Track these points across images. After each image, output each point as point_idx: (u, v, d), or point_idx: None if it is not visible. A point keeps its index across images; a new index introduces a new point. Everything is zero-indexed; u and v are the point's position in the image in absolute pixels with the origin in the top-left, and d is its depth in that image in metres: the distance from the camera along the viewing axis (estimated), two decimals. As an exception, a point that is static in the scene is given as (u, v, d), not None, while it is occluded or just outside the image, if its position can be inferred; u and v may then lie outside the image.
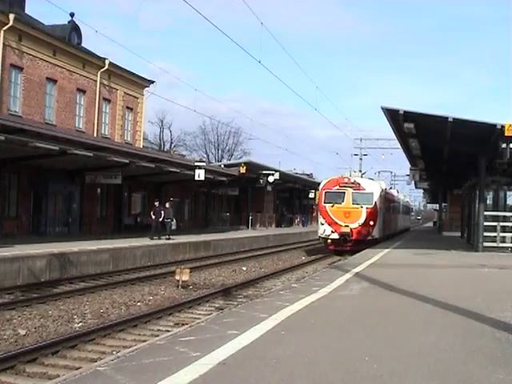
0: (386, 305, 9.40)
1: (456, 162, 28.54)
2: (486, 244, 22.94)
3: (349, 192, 28.83)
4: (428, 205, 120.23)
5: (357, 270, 14.69)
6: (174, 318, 12.49)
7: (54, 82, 30.97)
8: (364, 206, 28.56)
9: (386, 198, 34.22)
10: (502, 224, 23.89)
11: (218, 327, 7.31)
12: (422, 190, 79.99)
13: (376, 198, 29.25)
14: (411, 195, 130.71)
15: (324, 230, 28.85)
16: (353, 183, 29.14)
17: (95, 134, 33.69)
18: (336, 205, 28.67)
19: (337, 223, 28.47)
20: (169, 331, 9.33)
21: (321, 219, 29.46)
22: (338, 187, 29.13)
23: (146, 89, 39.96)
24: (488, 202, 26.13)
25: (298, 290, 10.77)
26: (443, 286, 11.93)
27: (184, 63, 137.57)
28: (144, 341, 8.79)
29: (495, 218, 24.00)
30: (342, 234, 28.21)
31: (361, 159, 56.48)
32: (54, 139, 21.84)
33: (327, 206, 28.94)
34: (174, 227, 29.54)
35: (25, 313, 12.47)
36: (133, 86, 38.42)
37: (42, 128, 23.38)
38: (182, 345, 6.32)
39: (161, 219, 27.52)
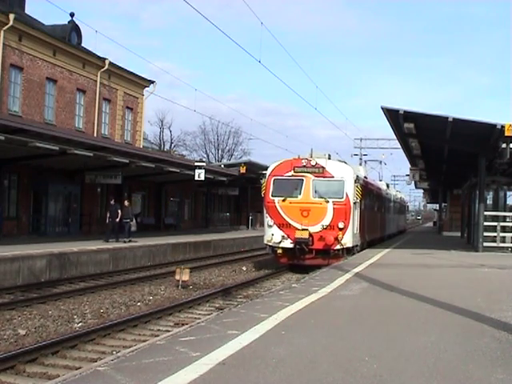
0: (386, 305, 9.40)
1: (456, 161, 28.54)
2: (486, 244, 22.93)
3: (308, 180, 20.05)
4: (428, 205, 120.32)
5: (357, 270, 14.69)
6: (173, 317, 12.50)
7: (54, 81, 30.96)
8: (331, 201, 19.79)
9: (368, 190, 25.03)
10: (501, 224, 23.91)
11: (218, 327, 7.31)
12: (421, 190, 79.98)
13: (349, 188, 20.13)
14: (411, 195, 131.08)
15: (272, 234, 19.99)
16: (314, 167, 20.16)
17: (95, 134, 33.69)
18: (289, 198, 20.08)
19: (290, 225, 19.82)
20: (169, 331, 9.33)
21: (268, 219, 20.38)
22: (292, 173, 20.32)
23: (146, 89, 39.97)
24: (488, 202, 26.16)
25: (297, 290, 10.77)
26: (443, 286, 11.93)
27: (184, 63, 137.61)
28: (144, 341, 8.79)
29: (495, 218, 24.01)
30: (297, 242, 19.41)
31: (361, 159, 56.43)
32: (54, 139, 21.84)
33: (276, 200, 20.15)
34: (133, 228, 25.76)
35: (25, 313, 12.47)
36: (133, 85, 38.41)
37: (41, 128, 23.37)
38: (182, 345, 6.32)
39: (118, 219, 24.62)
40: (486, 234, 23.10)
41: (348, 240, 20.03)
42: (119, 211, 24.85)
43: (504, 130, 18.80)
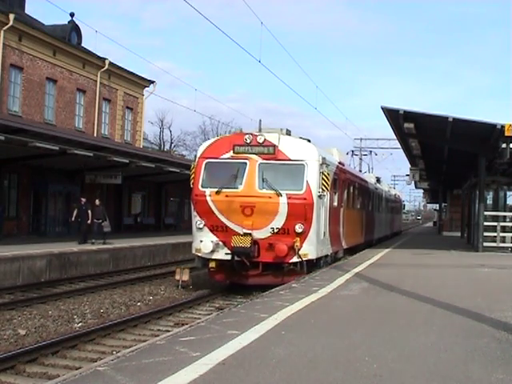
0: (386, 305, 9.40)
1: (456, 161, 28.54)
2: (486, 244, 22.93)
3: (253, 164, 14.58)
4: (428, 205, 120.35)
5: (357, 270, 14.68)
6: (174, 317, 12.50)
7: (54, 81, 30.97)
8: (285, 194, 14.32)
9: (346, 180, 19.38)
10: (502, 224, 23.91)
11: (218, 327, 7.30)
12: (421, 190, 79.98)
13: (312, 176, 14.64)
14: (411, 195, 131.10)
15: (202, 241, 14.57)
16: (262, 145, 14.66)
17: (95, 134, 33.69)
18: (226, 190, 14.56)
19: (227, 228, 14.51)
20: (169, 331, 9.32)
21: (196, 219, 14.90)
22: (231, 154, 14.82)
23: (146, 89, 39.98)
24: (488, 202, 26.15)
25: (298, 290, 10.77)
26: (443, 286, 11.92)
27: (185, 63, 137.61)
28: (144, 341, 8.78)
29: (495, 218, 24.01)
30: (237, 251, 14.21)
31: (361, 159, 56.42)
32: (54, 139, 21.84)
33: (208, 192, 14.66)
34: (107, 229, 23.67)
35: (25, 313, 12.47)
36: (133, 85, 38.42)
37: (41, 128, 23.38)
38: (182, 345, 6.31)
39: (89, 220, 23.12)
40: (486, 234, 23.09)
41: (310, 249, 14.45)
42: (89, 212, 23.25)
43: (504, 129, 18.81)
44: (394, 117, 20.90)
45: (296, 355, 5.95)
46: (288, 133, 15.50)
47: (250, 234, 14.24)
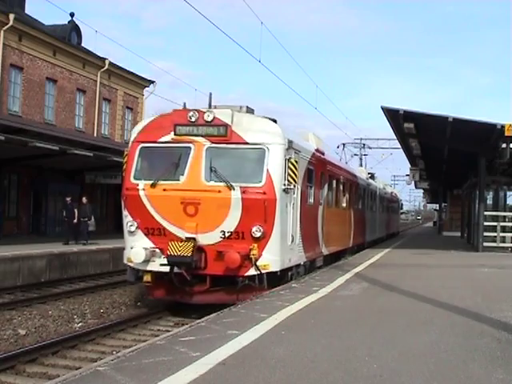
0: (386, 305, 9.40)
1: (456, 161, 28.55)
2: (486, 244, 22.95)
3: (199, 148, 11.79)
4: (428, 205, 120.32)
5: (357, 270, 14.69)
6: (173, 317, 12.49)
7: (54, 81, 30.96)
8: (238, 187, 11.48)
9: (325, 172, 16.10)
10: (501, 224, 23.92)
11: (218, 327, 7.31)
12: (421, 190, 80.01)
13: (274, 164, 11.71)
14: (411, 195, 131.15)
15: (133, 248, 11.74)
16: (211, 124, 11.83)
17: (95, 134, 33.69)
18: (164, 183, 11.81)
19: (166, 231, 11.71)
20: (169, 331, 9.31)
21: (127, 220, 12.09)
22: (172, 136, 11.99)
23: (146, 89, 39.99)
24: (488, 202, 26.16)
25: (298, 290, 10.77)
26: (443, 286, 11.92)
27: (185, 63, 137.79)
28: (144, 341, 8.79)
29: (495, 218, 24.02)
30: (173, 261, 11.37)
31: (361, 159, 56.41)
32: (54, 139, 21.84)
33: (142, 185, 11.93)
34: (92, 228, 23.02)
35: (25, 313, 12.47)
36: (133, 86, 38.42)
37: (42, 128, 23.38)
38: (182, 345, 6.32)
39: (75, 220, 22.55)
40: (486, 234, 23.11)
41: (271, 259, 11.39)
42: (75, 210, 22.65)
43: (504, 129, 18.81)
44: (394, 117, 20.91)
45: (296, 355, 5.95)
46: (248, 110, 12.42)
47: (194, 239, 11.21)
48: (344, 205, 19.75)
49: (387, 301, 9.83)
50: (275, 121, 12.30)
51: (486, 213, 23.35)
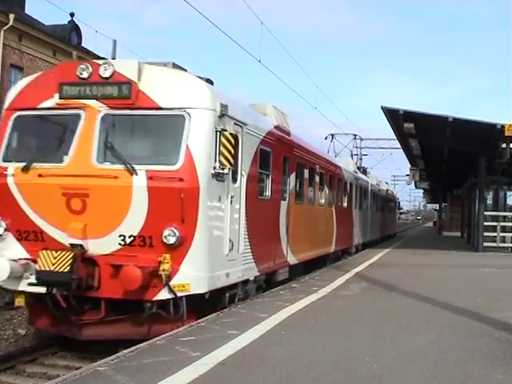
0: (386, 305, 9.40)
1: (456, 161, 28.55)
2: (486, 244, 22.97)
3: (91, 116, 8.39)
4: (428, 205, 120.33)
5: (357, 269, 14.69)
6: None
7: (54, 82, 30.94)
8: (143, 171, 7.99)
9: (290, 158, 12.77)
10: (502, 224, 23.94)
11: (218, 327, 7.30)
12: (421, 190, 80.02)
13: (199, 138, 8.21)
14: (411, 195, 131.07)
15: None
16: (109, 82, 8.39)
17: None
18: (40, 166, 8.38)
19: (44, 235, 8.30)
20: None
21: None
22: (56, 100, 8.55)
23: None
24: (488, 202, 26.18)
25: (298, 290, 10.77)
26: (443, 286, 11.92)
27: (185, 63, 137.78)
28: (144, 341, 8.77)
29: (495, 218, 24.04)
30: (49, 279, 7.93)
31: (361, 159, 56.38)
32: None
33: (11, 169, 8.48)
34: None
35: (25, 313, 12.44)
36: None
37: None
38: (182, 345, 6.31)
39: None
40: (486, 234, 23.12)
41: (195, 275, 8.08)
42: None
43: (504, 129, 18.83)
44: (394, 117, 20.92)
45: (296, 355, 5.95)
46: (175, 65, 9.06)
47: (81, 247, 8.02)
48: (322, 201, 16.36)
49: (387, 301, 9.82)
50: (211, 82, 9.32)
51: (486, 213, 23.37)
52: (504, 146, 20.22)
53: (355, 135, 41.01)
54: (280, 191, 11.96)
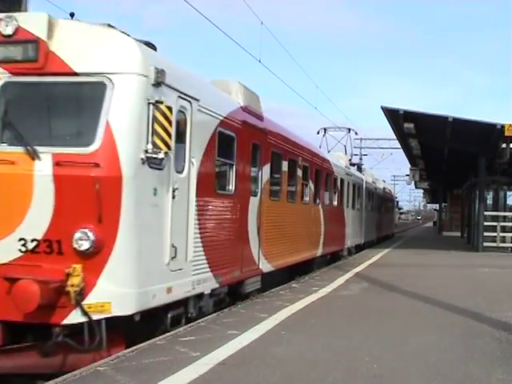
0: (386, 305, 9.40)
1: (456, 161, 28.56)
2: (486, 244, 22.97)
3: None
4: (428, 205, 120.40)
5: (357, 269, 14.69)
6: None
7: (54, 82, 30.96)
8: (49, 155, 6.20)
9: (262, 145, 10.68)
10: (502, 224, 23.95)
11: (218, 327, 7.30)
12: (422, 190, 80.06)
13: (123, 111, 6.33)
14: (411, 195, 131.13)
15: None
16: (11, 40, 6.64)
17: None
18: None
19: None
20: (169, 331, 9.27)
21: None
22: None
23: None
24: (488, 202, 26.19)
25: (298, 290, 10.77)
26: (443, 286, 11.92)
27: (185, 63, 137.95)
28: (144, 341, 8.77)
29: (495, 218, 24.04)
30: None
31: (361, 159, 56.39)
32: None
33: None
34: None
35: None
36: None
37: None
38: (182, 345, 6.31)
39: None
40: (486, 234, 23.12)
41: (117, 292, 6.20)
42: None
43: (504, 129, 18.84)
44: (394, 117, 20.92)
45: (296, 355, 5.95)
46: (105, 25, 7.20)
47: None
48: (307, 199, 14.47)
49: (387, 301, 9.82)
50: (154, 47, 7.65)
51: (486, 213, 23.37)
52: (504, 145, 20.23)
53: (349, 129, 37.77)
54: (248, 185, 10.01)
